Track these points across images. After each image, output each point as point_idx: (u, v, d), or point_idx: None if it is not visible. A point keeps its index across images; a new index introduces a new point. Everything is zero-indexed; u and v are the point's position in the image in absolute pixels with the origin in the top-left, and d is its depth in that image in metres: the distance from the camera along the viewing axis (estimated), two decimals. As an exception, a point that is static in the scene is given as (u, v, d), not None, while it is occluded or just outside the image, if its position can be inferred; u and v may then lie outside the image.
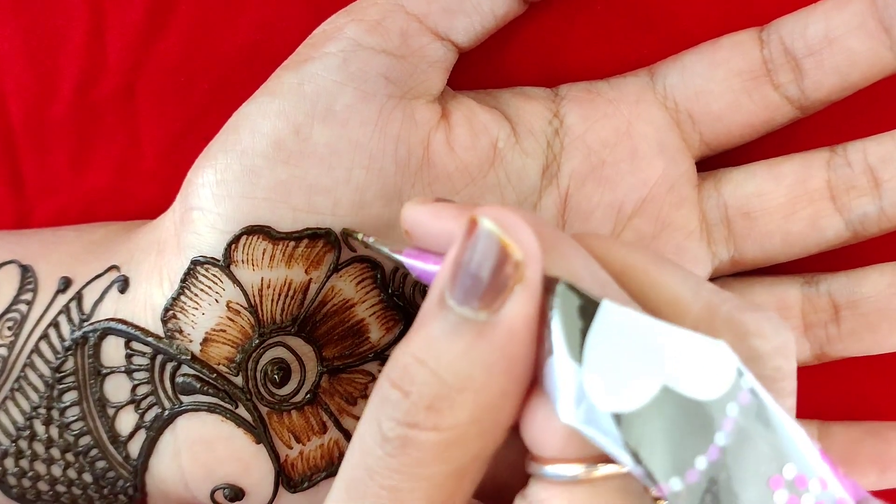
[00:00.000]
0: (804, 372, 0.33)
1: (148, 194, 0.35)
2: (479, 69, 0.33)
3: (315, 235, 0.29)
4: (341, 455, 0.31)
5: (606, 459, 0.20)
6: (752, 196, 0.31)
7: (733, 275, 0.33)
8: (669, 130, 0.31)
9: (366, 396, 0.31)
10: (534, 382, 0.21)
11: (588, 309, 0.20)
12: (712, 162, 0.32)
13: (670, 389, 0.19)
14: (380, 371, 0.31)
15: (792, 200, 0.31)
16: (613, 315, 0.20)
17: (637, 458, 0.19)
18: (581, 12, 0.33)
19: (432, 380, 0.20)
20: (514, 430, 0.22)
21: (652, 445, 0.19)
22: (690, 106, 0.31)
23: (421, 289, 0.31)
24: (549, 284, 0.20)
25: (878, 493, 0.32)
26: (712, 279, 0.32)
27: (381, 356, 0.31)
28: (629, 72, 0.32)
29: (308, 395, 0.30)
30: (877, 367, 0.34)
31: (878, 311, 0.31)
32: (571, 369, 0.20)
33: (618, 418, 0.19)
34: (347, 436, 0.31)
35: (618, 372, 0.19)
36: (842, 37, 0.29)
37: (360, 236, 0.29)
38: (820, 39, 0.30)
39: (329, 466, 0.31)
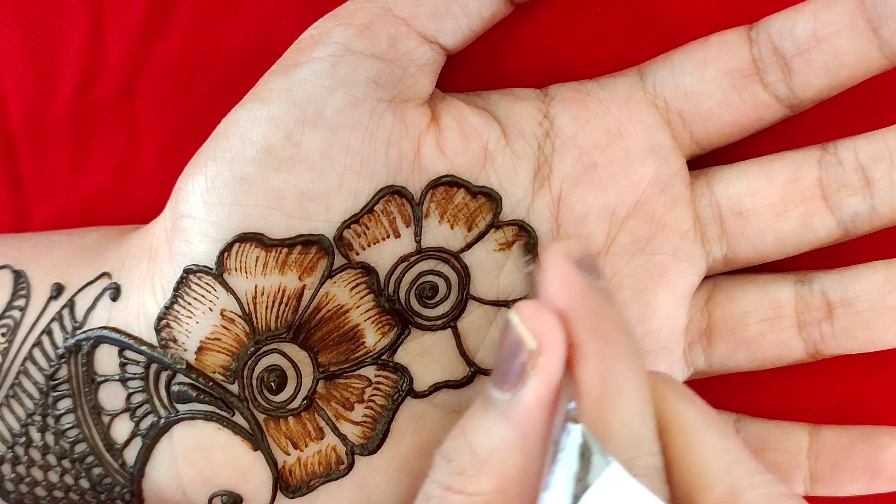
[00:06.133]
0: (799, 371, 0.33)
1: (147, 195, 0.34)
2: (472, 71, 0.33)
3: (308, 242, 0.29)
4: (338, 460, 0.31)
5: None
6: (744, 195, 0.31)
7: (727, 273, 0.33)
8: (660, 130, 0.31)
9: (362, 401, 0.31)
10: None
11: (599, 464, 0.21)
12: (703, 161, 0.32)
13: None
14: (376, 376, 0.31)
15: (783, 199, 0.31)
16: (618, 480, 0.21)
17: None
18: (574, 13, 0.33)
19: (466, 450, 0.24)
20: None
21: None
22: (680, 105, 0.31)
23: (416, 293, 0.31)
24: (562, 408, 0.22)
25: (868, 499, 0.32)
26: (706, 278, 0.32)
27: (377, 361, 0.31)
28: (619, 71, 0.32)
29: (304, 402, 0.30)
30: (872, 366, 0.34)
31: (871, 308, 0.31)
32: None
33: None
34: (345, 441, 0.31)
35: None
36: (830, 36, 0.29)
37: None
38: (808, 38, 0.30)
39: (327, 472, 0.31)
